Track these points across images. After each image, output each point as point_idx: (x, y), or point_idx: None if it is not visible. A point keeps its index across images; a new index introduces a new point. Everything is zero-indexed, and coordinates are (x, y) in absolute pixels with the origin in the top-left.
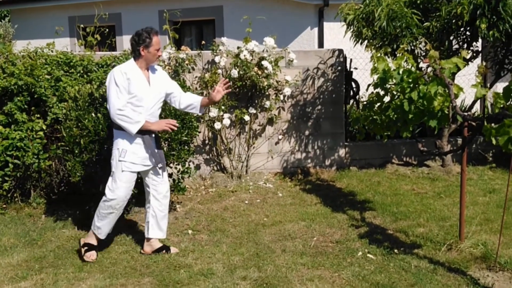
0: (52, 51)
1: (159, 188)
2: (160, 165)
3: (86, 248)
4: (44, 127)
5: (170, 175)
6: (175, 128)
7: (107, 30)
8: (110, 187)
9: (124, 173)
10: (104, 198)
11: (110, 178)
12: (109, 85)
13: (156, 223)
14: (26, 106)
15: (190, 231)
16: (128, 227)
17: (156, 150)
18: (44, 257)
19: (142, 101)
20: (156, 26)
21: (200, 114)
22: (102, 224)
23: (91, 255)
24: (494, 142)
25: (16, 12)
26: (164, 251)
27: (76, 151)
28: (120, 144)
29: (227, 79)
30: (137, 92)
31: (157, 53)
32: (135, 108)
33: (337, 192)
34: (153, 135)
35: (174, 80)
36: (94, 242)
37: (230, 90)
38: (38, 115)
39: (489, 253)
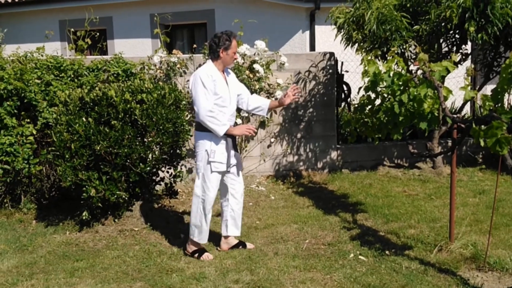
0: (42, 55)
1: (237, 187)
2: (239, 166)
3: (197, 254)
4: (34, 132)
5: (162, 179)
6: (254, 134)
7: (98, 34)
8: (201, 188)
9: (214, 173)
10: (196, 201)
11: (198, 182)
12: (195, 88)
13: (234, 221)
14: (16, 111)
15: (182, 235)
16: (119, 231)
17: (234, 152)
18: (35, 263)
19: (226, 101)
20: (147, 29)
21: (266, 116)
22: (203, 229)
23: (207, 256)
24: (482, 144)
25: (5, 16)
26: (240, 246)
27: (67, 156)
28: (207, 145)
29: (298, 86)
30: (222, 93)
31: (234, 56)
32: (221, 109)
33: (329, 194)
34: (232, 139)
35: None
36: (197, 247)
37: (300, 96)
38: (28, 120)
39: (478, 254)
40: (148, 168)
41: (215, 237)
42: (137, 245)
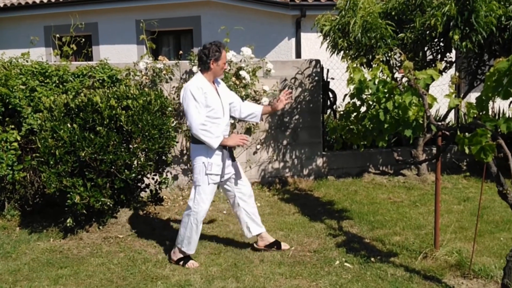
0: (27, 61)
1: (243, 190)
2: (238, 174)
3: (182, 262)
4: (19, 138)
5: (147, 186)
6: (248, 143)
7: (83, 39)
8: (194, 200)
9: (210, 185)
10: (188, 213)
11: (192, 195)
12: (187, 102)
13: (253, 221)
14: (0, 117)
15: (167, 242)
16: (104, 238)
17: (231, 162)
18: (19, 270)
19: (219, 113)
20: (133, 35)
21: (259, 122)
22: (192, 239)
23: (193, 264)
24: (467, 151)
25: None
26: (275, 247)
27: (51, 162)
28: (204, 158)
29: (290, 90)
30: (214, 105)
31: (224, 67)
32: (213, 121)
33: (315, 201)
34: (228, 148)
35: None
36: (183, 254)
37: (292, 100)
38: (13, 126)
39: (463, 261)
40: (133, 175)
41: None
42: (122, 252)
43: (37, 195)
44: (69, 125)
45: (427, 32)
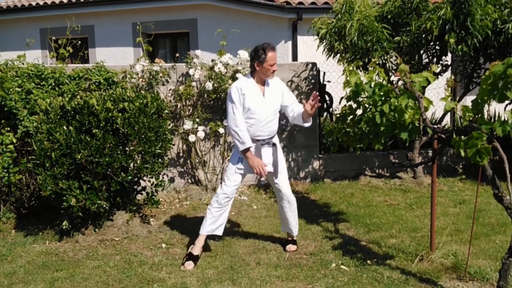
0: (23, 64)
1: (279, 193)
2: (275, 173)
3: (186, 257)
4: (14, 141)
5: (143, 188)
6: (263, 177)
7: (79, 42)
8: (224, 182)
9: (236, 174)
10: (216, 193)
11: (225, 176)
12: (227, 100)
13: (284, 221)
14: None
15: (164, 245)
16: (100, 241)
17: (271, 161)
18: (14, 273)
19: (255, 114)
20: (129, 38)
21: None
22: (216, 220)
23: (189, 265)
24: (462, 154)
25: None
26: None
27: (47, 165)
28: (238, 152)
29: (317, 93)
30: (251, 106)
31: (271, 68)
32: (248, 121)
33: (311, 204)
34: (265, 144)
35: (290, 92)
36: (197, 252)
37: (319, 104)
38: (8, 128)
39: (459, 263)
40: (130, 177)
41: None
42: (118, 255)
43: (33, 197)
44: (65, 127)
45: (423, 35)
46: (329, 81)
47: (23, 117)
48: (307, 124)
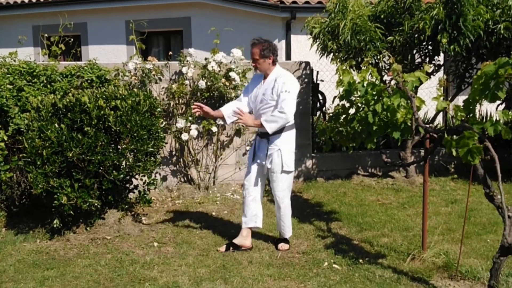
0: (14, 61)
1: (274, 192)
2: (268, 165)
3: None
4: (5, 138)
5: (135, 187)
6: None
7: (72, 39)
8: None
9: (249, 164)
10: None
11: None
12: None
13: (287, 225)
14: None
15: (155, 244)
16: (91, 240)
17: (266, 152)
18: (4, 272)
19: (252, 103)
20: (122, 36)
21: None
22: (244, 212)
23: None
24: (454, 153)
25: None
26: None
27: (38, 163)
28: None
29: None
30: (251, 95)
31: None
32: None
33: (304, 203)
34: (262, 137)
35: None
36: (240, 243)
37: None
38: None
39: (450, 262)
40: (122, 176)
41: None
42: (109, 253)
43: (23, 195)
44: (56, 125)
45: (416, 35)
46: (322, 80)
47: (14, 115)
48: (226, 122)
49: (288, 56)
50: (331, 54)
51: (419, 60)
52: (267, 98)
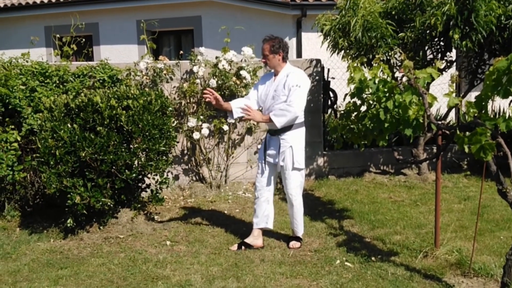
0: (27, 61)
1: (286, 189)
2: (281, 163)
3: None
4: (19, 138)
5: (148, 186)
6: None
7: (83, 40)
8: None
9: (260, 163)
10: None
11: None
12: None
13: (299, 223)
14: (0, 117)
15: (168, 242)
16: (104, 239)
17: (278, 150)
18: (19, 271)
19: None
20: (133, 36)
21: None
22: (255, 213)
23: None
24: (466, 150)
25: None
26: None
27: (52, 163)
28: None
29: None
30: (260, 91)
31: (262, 60)
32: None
33: (316, 201)
34: (272, 135)
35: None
36: (252, 242)
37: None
38: (13, 126)
39: (463, 260)
40: (134, 175)
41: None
42: (122, 252)
43: (37, 195)
44: (69, 125)
45: (427, 31)
46: (333, 78)
47: (28, 115)
48: (229, 119)
49: (299, 54)
50: (342, 51)
51: (431, 56)
52: (279, 93)
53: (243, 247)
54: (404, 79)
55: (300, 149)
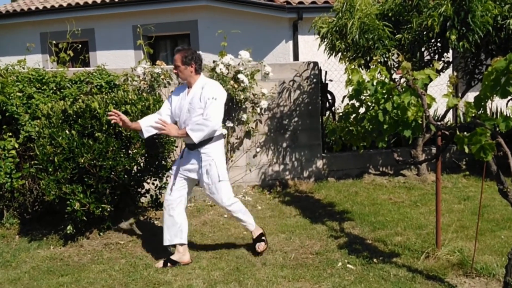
0: (23, 68)
1: (216, 202)
2: (205, 180)
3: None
4: (17, 146)
5: (147, 191)
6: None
7: (80, 46)
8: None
9: (176, 179)
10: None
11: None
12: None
13: (245, 220)
14: None
15: (169, 248)
16: (105, 245)
17: (189, 165)
18: (19, 279)
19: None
20: (130, 41)
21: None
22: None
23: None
24: (466, 150)
25: None
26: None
27: (50, 169)
28: None
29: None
30: (172, 106)
31: (174, 71)
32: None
33: (316, 203)
34: (191, 149)
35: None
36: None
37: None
38: (10, 134)
39: (465, 260)
40: (133, 180)
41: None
42: (123, 258)
43: (36, 202)
44: (67, 131)
45: (424, 32)
46: (331, 80)
47: (25, 122)
48: (142, 135)
49: (295, 57)
50: (340, 54)
51: (428, 57)
52: (195, 106)
53: (169, 264)
54: (402, 80)
55: (222, 162)
